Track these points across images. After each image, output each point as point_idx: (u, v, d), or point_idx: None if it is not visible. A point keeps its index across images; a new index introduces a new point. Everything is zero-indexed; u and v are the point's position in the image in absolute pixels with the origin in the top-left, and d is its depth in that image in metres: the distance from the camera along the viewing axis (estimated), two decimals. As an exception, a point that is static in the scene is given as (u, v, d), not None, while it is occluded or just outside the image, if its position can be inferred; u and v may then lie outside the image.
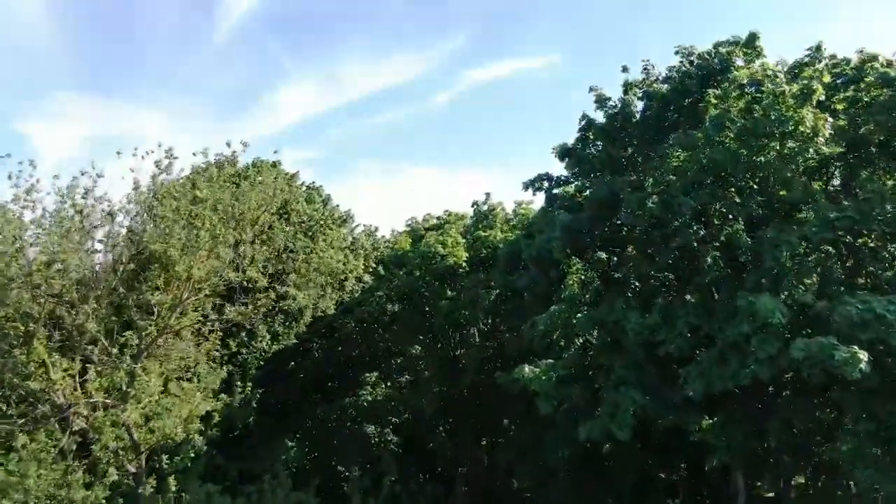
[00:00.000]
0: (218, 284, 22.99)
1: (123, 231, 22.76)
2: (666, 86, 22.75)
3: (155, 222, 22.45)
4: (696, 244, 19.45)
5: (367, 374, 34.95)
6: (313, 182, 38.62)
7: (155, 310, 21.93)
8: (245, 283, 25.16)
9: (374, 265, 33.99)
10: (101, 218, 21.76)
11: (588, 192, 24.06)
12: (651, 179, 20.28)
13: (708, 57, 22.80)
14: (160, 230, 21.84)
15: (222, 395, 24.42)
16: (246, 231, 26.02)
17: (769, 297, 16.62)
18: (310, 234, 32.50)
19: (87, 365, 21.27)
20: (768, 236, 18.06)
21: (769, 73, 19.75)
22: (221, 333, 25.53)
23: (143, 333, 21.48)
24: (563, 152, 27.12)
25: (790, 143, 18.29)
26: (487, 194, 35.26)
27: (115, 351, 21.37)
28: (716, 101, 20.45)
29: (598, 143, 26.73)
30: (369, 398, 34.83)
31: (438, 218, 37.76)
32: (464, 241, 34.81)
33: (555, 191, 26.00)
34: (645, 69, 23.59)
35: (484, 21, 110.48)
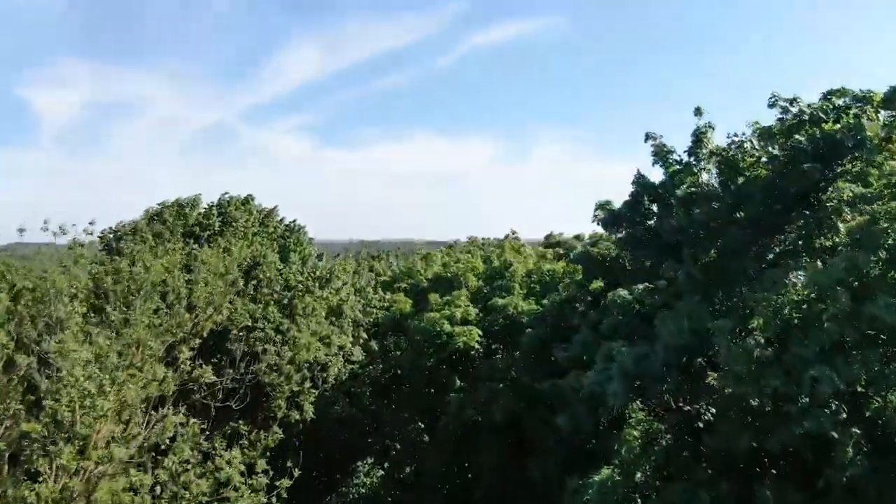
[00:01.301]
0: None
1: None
2: (762, 158, 15.83)
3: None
4: (833, 428, 12.80)
5: (360, 463, 28.68)
6: (294, 222, 31.94)
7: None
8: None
9: (365, 336, 27.44)
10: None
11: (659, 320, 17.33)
12: (759, 320, 13.53)
13: (823, 115, 15.89)
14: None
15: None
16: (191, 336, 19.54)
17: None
18: (285, 305, 25.88)
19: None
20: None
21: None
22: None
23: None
24: (611, 219, 20.53)
25: None
26: (501, 246, 28.49)
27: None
28: (853, 196, 13.59)
29: (655, 210, 20.18)
30: (363, 489, 28.63)
31: (444, 267, 31.06)
32: (478, 291, 28.29)
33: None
34: (733, 140, 16.70)
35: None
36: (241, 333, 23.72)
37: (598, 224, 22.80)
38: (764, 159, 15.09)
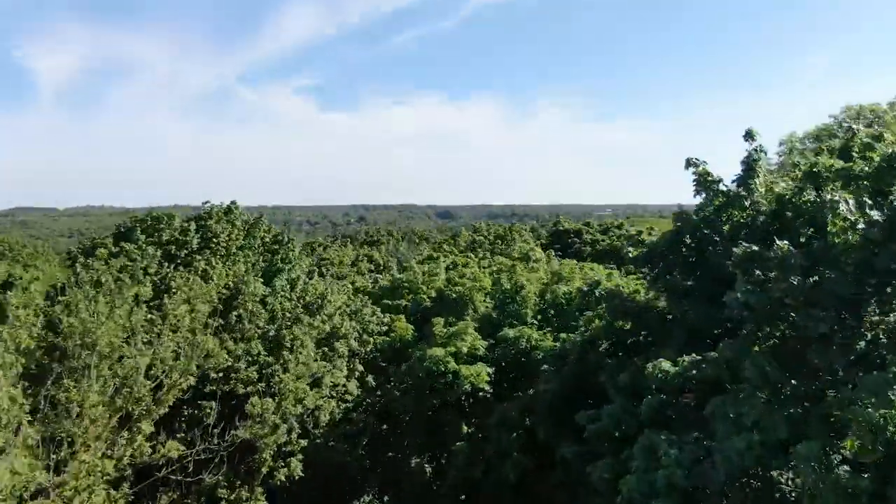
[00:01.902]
0: None
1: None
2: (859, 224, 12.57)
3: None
4: None
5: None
6: (281, 233, 28.76)
7: None
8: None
9: (361, 369, 24.52)
10: None
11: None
12: (854, 441, 10.50)
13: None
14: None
15: None
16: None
17: None
18: (271, 338, 22.92)
19: None
20: None
21: None
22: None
23: None
24: (647, 256, 17.66)
25: None
26: (513, 277, 25.38)
27: None
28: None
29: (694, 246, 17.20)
30: (360, 529, 26.07)
31: (449, 283, 27.98)
32: (487, 316, 25.39)
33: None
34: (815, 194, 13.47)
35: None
36: (218, 375, 20.87)
37: (630, 256, 20.01)
38: (861, 225, 11.82)
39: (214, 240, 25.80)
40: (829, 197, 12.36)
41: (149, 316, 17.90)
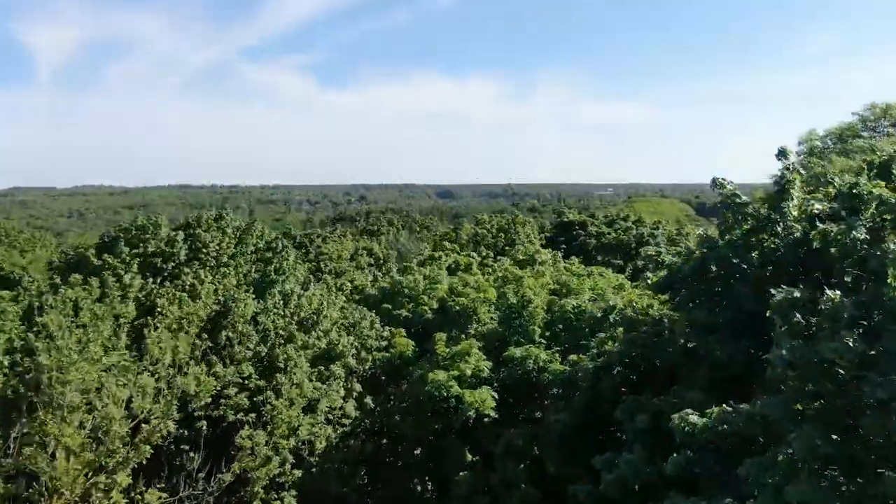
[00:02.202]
0: None
1: None
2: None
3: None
4: None
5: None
6: (276, 240, 27.22)
7: None
8: None
9: (359, 388, 23.14)
10: None
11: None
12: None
13: None
14: None
15: None
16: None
17: None
18: (262, 358, 21.51)
19: None
20: None
21: None
22: None
23: None
24: (668, 281, 16.26)
25: None
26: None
27: None
28: None
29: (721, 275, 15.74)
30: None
31: (452, 293, 26.50)
32: (492, 332, 24.02)
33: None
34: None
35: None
36: (207, 402, 19.49)
37: (650, 286, 18.41)
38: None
39: (204, 250, 24.30)
40: (891, 246, 10.76)
41: (125, 358, 16.41)
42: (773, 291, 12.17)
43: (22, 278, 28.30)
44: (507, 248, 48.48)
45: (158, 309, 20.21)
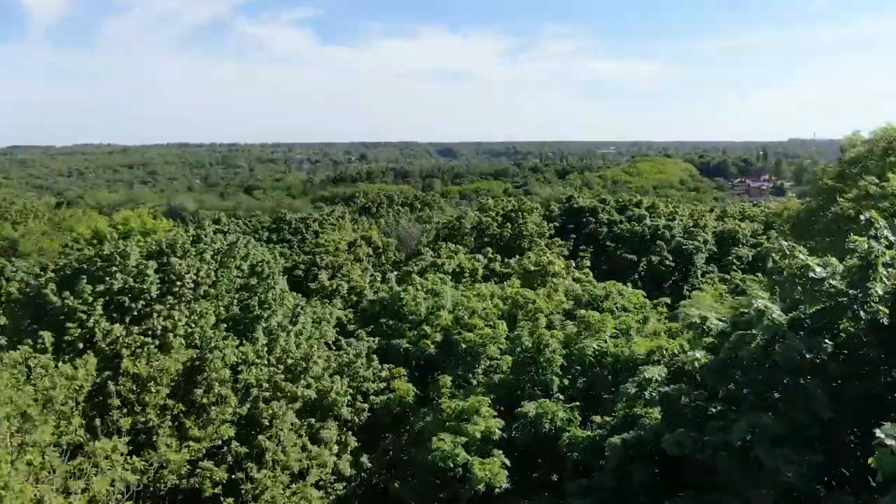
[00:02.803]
0: None
1: None
2: None
3: None
4: None
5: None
6: (262, 263, 24.28)
7: None
8: None
9: (354, 442, 20.51)
10: None
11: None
12: None
13: None
14: None
15: None
16: None
17: None
18: (242, 417, 18.85)
19: None
20: None
21: None
22: None
23: None
24: (721, 366, 13.52)
25: None
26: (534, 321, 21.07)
27: None
28: None
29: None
30: None
31: (457, 322, 23.71)
32: (504, 381, 21.40)
33: None
34: None
35: None
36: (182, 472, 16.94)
37: (697, 365, 15.44)
38: None
39: (178, 283, 21.39)
40: None
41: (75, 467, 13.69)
42: (877, 433, 9.34)
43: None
44: (513, 241, 45.60)
45: (123, 368, 17.47)
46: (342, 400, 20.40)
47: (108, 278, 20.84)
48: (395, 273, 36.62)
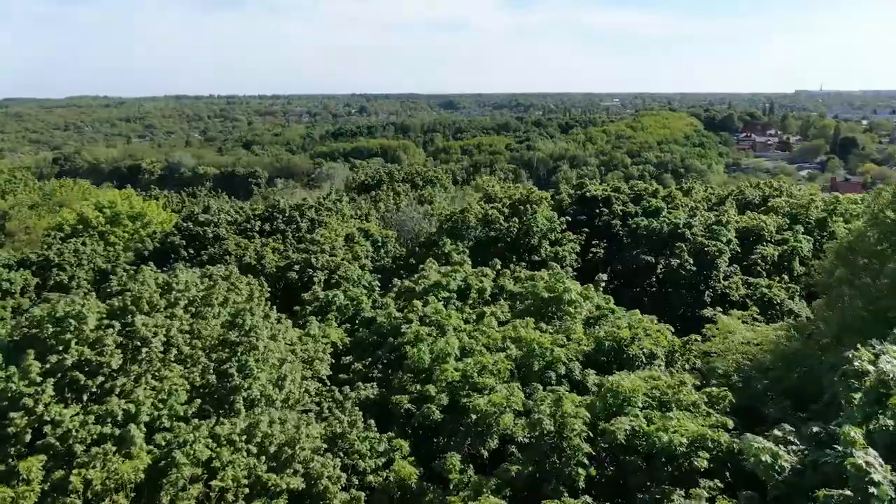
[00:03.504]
0: None
1: None
2: None
3: None
4: None
5: None
6: (242, 314, 21.22)
7: None
8: None
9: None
10: None
11: None
12: None
13: None
14: None
15: None
16: None
17: None
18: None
19: None
20: None
21: None
22: None
23: None
24: None
25: None
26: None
27: None
28: None
29: None
30: None
31: (465, 380, 20.73)
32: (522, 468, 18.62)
33: None
34: None
35: None
36: None
37: None
38: None
39: (144, 350, 18.28)
40: None
41: None
42: None
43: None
44: (521, 238, 42.34)
45: (71, 486, 14.56)
46: (335, 489, 17.58)
47: (61, 348, 17.73)
48: (396, 283, 33.49)
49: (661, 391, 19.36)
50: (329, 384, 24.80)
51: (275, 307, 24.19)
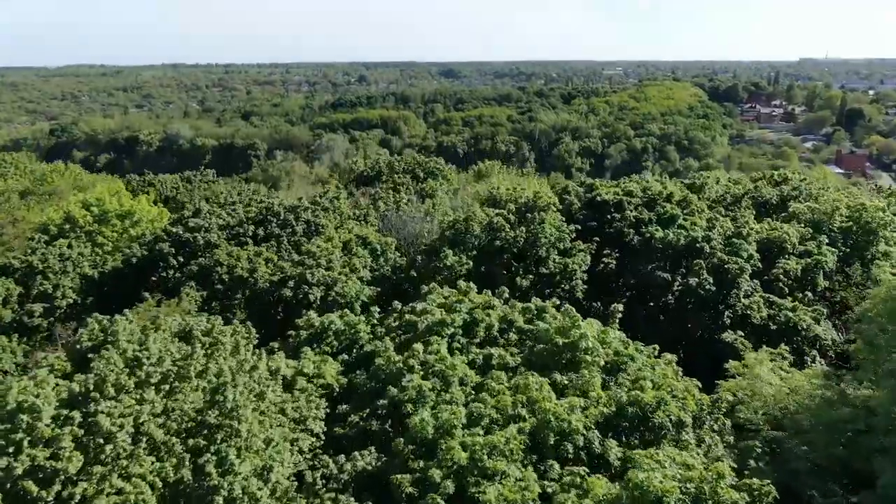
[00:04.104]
0: None
1: None
2: None
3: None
4: None
5: None
6: (224, 388, 18.76)
7: None
8: None
9: None
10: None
11: None
12: None
13: None
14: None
15: None
16: None
17: None
18: None
19: None
20: None
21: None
22: None
23: None
24: None
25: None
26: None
27: None
28: None
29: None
30: None
31: (473, 462, 18.37)
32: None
33: None
34: None
35: None
36: None
37: None
38: None
39: (108, 447, 15.81)
40: None
41: None
42: None
43: None
44: (528, 249, 39.67)
45: None
46: None
47: (11, 450, 15.28)
48: (397, 306, 30.95)
49: (697, 486, 16.95)
50: (323, 438, 22.63)
51: (264, 332, 21.56)
